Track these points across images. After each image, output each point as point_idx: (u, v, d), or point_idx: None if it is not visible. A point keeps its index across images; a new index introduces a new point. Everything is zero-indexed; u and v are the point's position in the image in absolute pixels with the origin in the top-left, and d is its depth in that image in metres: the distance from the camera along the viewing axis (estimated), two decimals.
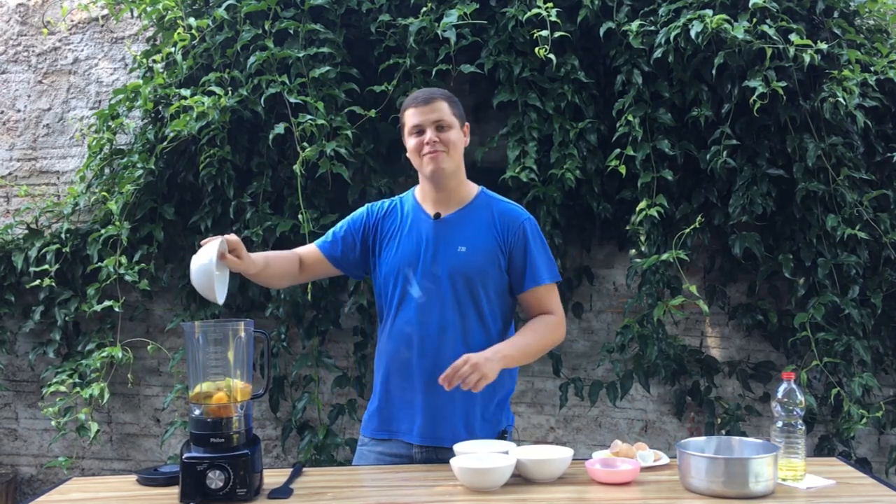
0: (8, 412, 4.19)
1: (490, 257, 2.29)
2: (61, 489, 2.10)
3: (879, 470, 3.72)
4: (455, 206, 2.35)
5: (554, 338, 2.35)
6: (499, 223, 2.32)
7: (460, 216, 2.33)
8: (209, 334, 2.00)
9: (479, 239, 2.30)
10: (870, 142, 3.63)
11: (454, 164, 2.31)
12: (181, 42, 3.59)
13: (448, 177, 2.31)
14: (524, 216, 2.36)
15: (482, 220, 2.33)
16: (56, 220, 4.05)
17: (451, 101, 2.33)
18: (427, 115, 2.28)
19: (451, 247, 2.29)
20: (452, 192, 2.35)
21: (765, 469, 1.88)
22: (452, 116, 2.30)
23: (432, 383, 2.21)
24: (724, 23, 3.28)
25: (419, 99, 2.31)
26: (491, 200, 2.38)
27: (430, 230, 2.32)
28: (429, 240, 2.31)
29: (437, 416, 2.26)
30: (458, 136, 2.31)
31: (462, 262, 2.28)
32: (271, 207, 3.69)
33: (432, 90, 2.35)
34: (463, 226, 2.32)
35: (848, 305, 3.41)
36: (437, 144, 2.27)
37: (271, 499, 1.94)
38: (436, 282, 2.28)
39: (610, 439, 3.78)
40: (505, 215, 2.34)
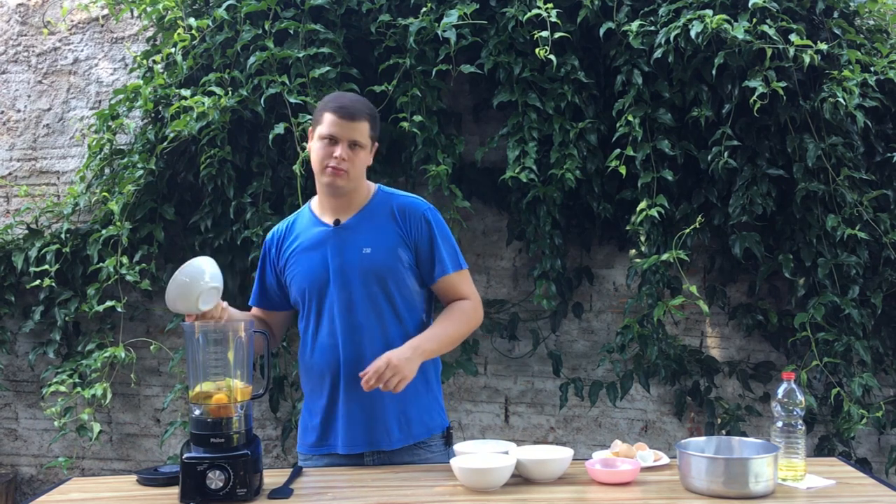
0: (8, 412, 4.19)
1: (395, 253, 2.28)
2: (61, 489, 2.10)
3: (879, 470, 3.72)
4: (354, 210, 2.32)
5: (471, 323, 2.35)
6: (399, 218, 2.31)
7: (360, 219, 2.31)
8: (209, 334, 2.00)
9: (382, 237, 2.28)
10: (870, 142, 3.63)
11: (354, 182, 2.28)
12: (181, 42, 3.59)
13: (347, 191, 2.30)
14: (424, 207, 2.34)
15: (382, 218, 2.31)
16: (56, 220, 4.05)
17: (373, 120, 2.30)
18: (346, 130, 2.24)
19: (356, 250, 2.27)
20: (350, 198, 2.32)
21: (765, 469, 1.88)
22: (368, 138, 2.28)
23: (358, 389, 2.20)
24: (724, 23, 3.28)
25: (344, 111, 2.24)
26: (389, 196, 2.36)
27: (332, 238, 2.30)
28: (332, 248, 2.29)
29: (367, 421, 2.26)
30: (365, 156, 2.29)
31: (369, 262, 2.26)
32: (271, 207, 3.69)
33: (358, 104, 2.29)
34: (364, 228, 2.30)
35: (848, 305, 3.41)
36: (343, 163, 2.23)
37: (271, 499, 1.95)
38: (347, 287, 2.26)
39: (610, 439, 3.79)
40: (405, 209, 2.32)
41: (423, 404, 2.32)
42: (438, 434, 2.35)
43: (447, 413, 2.46)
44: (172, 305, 2.08)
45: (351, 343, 2.26)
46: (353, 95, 2.37)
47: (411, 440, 2.29)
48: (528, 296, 3.84)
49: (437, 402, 2.39)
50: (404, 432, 2.28)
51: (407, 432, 2.28)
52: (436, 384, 2.39)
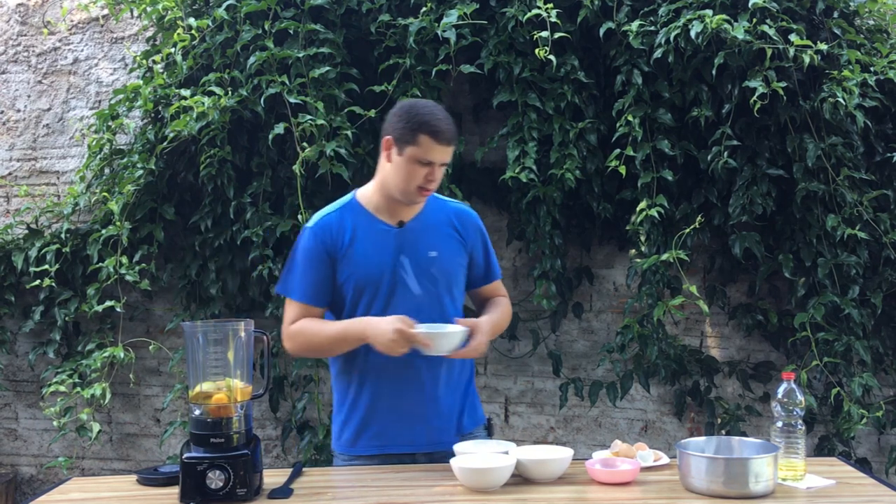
0: (8, 412, 4.19)
1: (457, 258, 2.36)
2: (61, 489, 2.10)
3: (879, 470, 3.72)
4: (413, 212, 2.33)
5: (509, 318, 2.50)
6: (458, 224, 2.38)
7: (421, 222, 2.33)
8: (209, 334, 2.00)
9: (446, 242, 2.34)
10: (870, 142, 3.63)
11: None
12: (181, 42, 3.59)
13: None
14: (475, 215, 2.45)
15: (441, 223, 2.36)
16: (56, 220, 4.05)
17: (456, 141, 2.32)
18: (444, 155, 2.23)
19: (422, 253, 2.29)
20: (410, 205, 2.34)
21: (765, 469, 1.88)
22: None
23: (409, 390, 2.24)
24: (724, 23, 3.28)
25: (444, 137, 2.20)
26: (441, 202, 2.42)
27: (395, 240, 2.29)
28: (399, 248, 2.28)
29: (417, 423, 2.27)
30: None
31: (438, 266, 2.30)
32: (271, 207, 3.69)
33: (452, 126, 2.25)
34: (426, 231, 2.33)
35: (848, 305, 3.41)
36: (433, 185, 2.25)
37: (271, 499, 1.95)
38: (414, 289, 2.27)
39: (610, 439, 3.79)
40: (461, 216, 2.40)
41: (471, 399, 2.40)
42: (481, 426, 2.42)
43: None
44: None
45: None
46: (443, 114, 2.25)
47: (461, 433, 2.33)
48: (528, 296, 3.84)
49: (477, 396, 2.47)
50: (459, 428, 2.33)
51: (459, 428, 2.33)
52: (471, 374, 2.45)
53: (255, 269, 3.64)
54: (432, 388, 2.28)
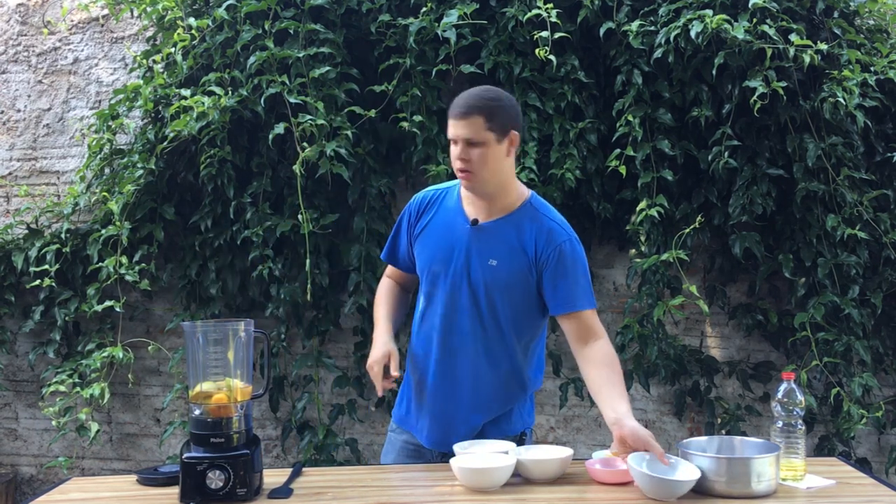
0: (8, 412, 4.19)
1: (521, 274, 2.18)
2: (61, 489, 2.10)
3: (879, 470, 3.72)
4: (496, 214, 2.21)
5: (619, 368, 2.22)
6: (538, 239, 2.19)
7: (498, 226, 2.20)
8: (209, 334, 2.00)
9: (513, 253, 2.18)
10: (870, 142, 3.63)
11: (487, 184, 2.17)
12: (181, 42, 3.59)
13: (483, 192, 2.20)
14: (564, 237, 2.20)
15: (520, 232, 2.19)
16: (56, 220, 4.05)
17: (490, 113, 2.11)
18: (458, 129, 2.12)
19: (483, 258, 2.19)
20: (494, 200, 2.21)
21: (767, 469, 1.88)
22: (487, 132, 2.10)
23: (444, 389, 2.23)
24: (724, 23, 3.28)
25: (457, 109, 2.13)
26: (537, 214, 2.23)
27: (466, 237, 2.22)
28: (462, 246, 2.22)
29: (444, 423, 2.26)
30: (492, 152, 2.12)
31: (491, 275, 2.18)
32: (271, 207, 3.69)
33: (472, 100, 2.13)
34: (498, 237, 2.20)
35: (848, 305, 3.41)
36: (464, 163, 2.12)
37: (271, 499, 1.94)
38: (460, 290, 2.21)
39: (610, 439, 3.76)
40: (545, 233, 2.19)
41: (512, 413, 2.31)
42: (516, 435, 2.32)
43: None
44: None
45: (446, 345, 2.23)
46: (474, 90, 2.17)
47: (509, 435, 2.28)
48: None
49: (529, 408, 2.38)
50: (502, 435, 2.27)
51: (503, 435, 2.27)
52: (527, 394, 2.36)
53: (255, 269, 3.64)
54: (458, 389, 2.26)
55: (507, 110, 2.16)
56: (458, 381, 2.24)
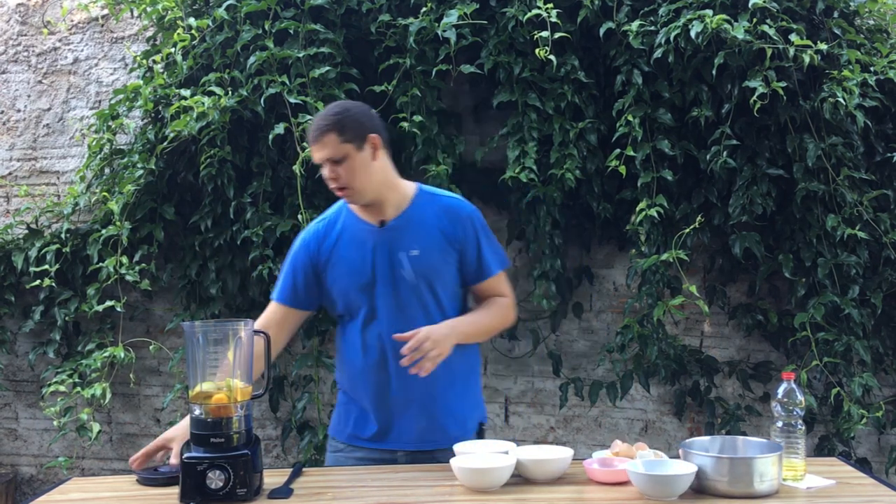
0: (8, 412, 4.19)
1: (442, 255, 2.27)
2: (61, 489, 2.10)
3: (879, 470, 3.72)
4: (397, 211, 2.30)
5: (506, 319, 2.38)
6: (445, 219, 2.29)
7: (404, 220, 2.29)
8: (209, 334, 2.00)
9: (429, 239, 2.27)
10: (870, 142, 3.63)
11: (366, 192, 2.25)
12: (181, 42, 3.59)
13: (369, 200, 2.28)
14: (468, 209, 2.34)
15: (428, 218, 2.29)
16: (56, 220, 4.05)
17: (340, 126, 2.19)
18: (318, 152, 2.22)
19: (404, 251, 2.26)
20: (386, 202, 2.29)
21: (769, 468, 1.88)
22: (344, 144, 2.19)
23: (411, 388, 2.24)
24: (724, 23, 3.28)
25: (311, 135, 2.23)
26: (432, 197, 2.35)
27: (378, 238, 2.28)
28: (380, 248, 2.27)
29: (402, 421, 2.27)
30: (359, 161, 2.21)
31: (417, 264, 2.25)
32: (271, 207, 3.69)
33: (320, 121, 2.22)
34: (409, 229, 2.28)
35: (848, 305, 3.41)
36: (336, 182, 2.22)
37: (271, 499, 1.94)
38: (396, 288, 2.25)
39: (610, 439, 3.78)
40: (451, 211, 2.31)
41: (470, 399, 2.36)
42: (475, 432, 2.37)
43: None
44: None
45: (380, 343, 2.26)
46: (322, 112, 2.28)
47: (467, 436, 2.29)
48: (528, 296, 3.84)
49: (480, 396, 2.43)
50: (459, 429, 2.29)
51: (461, 428, 2.30)
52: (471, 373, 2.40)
53: (255, 269, 3.64)
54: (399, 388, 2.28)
55: (356, 118, 2.24)
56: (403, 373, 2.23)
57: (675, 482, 1.87)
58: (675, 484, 1.87)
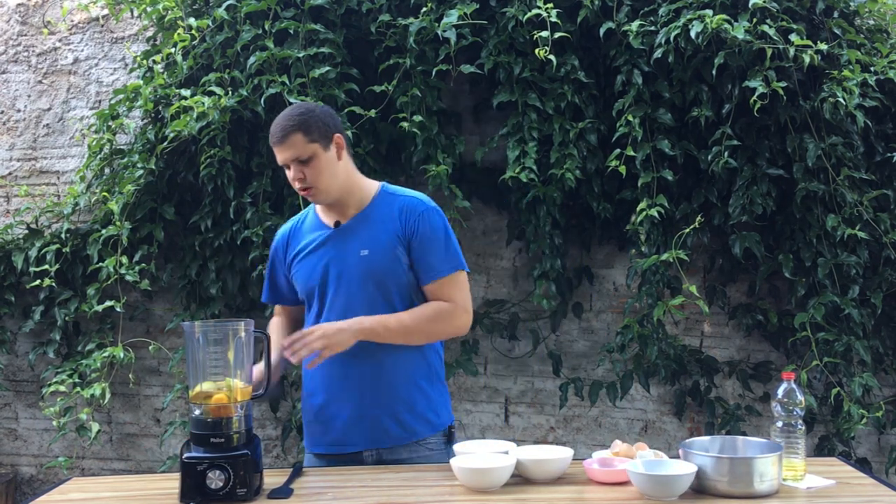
0: (8, 412, 4.19)
1: (393, 255, 2.25)
2: (61, 489, 2.10)
3: (879, 470, 3.72)
4: (354, 211, 2.31)
5: (444, 324, 2.28)
6: (398, 216, 2.27)
7: (360, 220, 2.30)
8: (209, 334, 2.00)
9: (380, 238, 2.26)
10: (870, 142, 3.63)
11: (331, 191, 2.26)
12: (181, 42, 3.59)
13: (333, 199, 2.29)
14: (423, 206, 2.29)
15: (383, 218, 2.28)
16: (56, 220, 4.05)
17: (306, 126, 2.20)
18: (284, 153, 2.22)
19: (353, 252, 2.26)
20: (347, 202, 2.31)
21: (769, 468, 1.88)
22: (310, 144, 2.20)
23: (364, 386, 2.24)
24: (724, 23, 3.28)
25: (274, 136, 2.22)
26: (393, 196, 2.33)
27: (332, 240, 2.30)
28: (332, 250, 2.29)
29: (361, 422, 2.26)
30: (325, 161, 2.23)
31: (366, 265, 2.25)
32: (271, 207, 3.69)
33: (284, 121, 2.22)
34: (363, 229, 2.28)
35: (848, 305, 3.42)
36: (302, 182, 2.22)
37: (271, 499, 1.95)
38: (346, 289, 2.26)
39: (610, 439, 3.78)
40: (405, 208, 2.28)
41: (424, 401, 2.31)
42: (440, 432, 2.34)
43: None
44: None
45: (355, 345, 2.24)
46: (284, 113, 2.27)
47: (412, 438, 2.28)
48: (528, 296, 3.84)
49: (442, 398, 2.37)
50: (403, 430, 2.27)
51: (406, 430, 2.28)
52: (438, 380, 2.37)
53: (255, 269, 3.64)
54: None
55: (321, 118, 2.25)
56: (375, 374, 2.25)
57: (675, 482, 1.87)
58: (675, 484, 1.87)
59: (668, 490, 1.86)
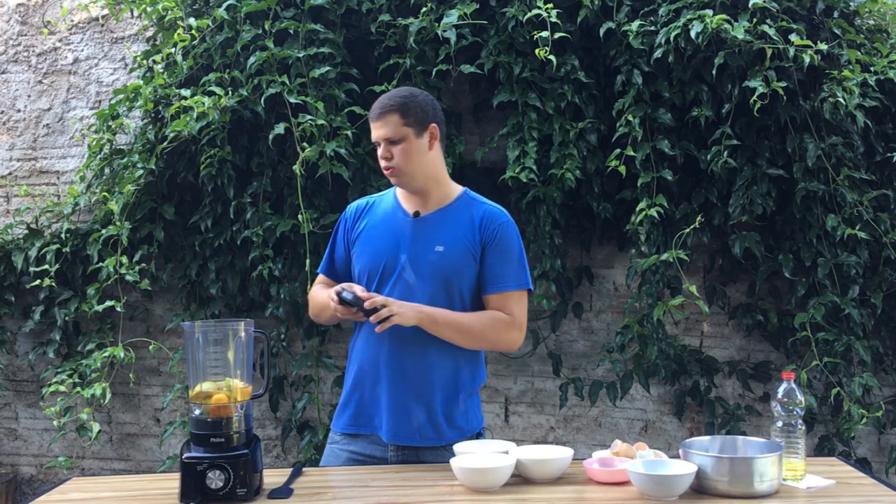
0: (8, 412, 4.19)
1: (466, 257, 2.27)
2: (61, 489, 2.10)
3: (879, 470, 3.72)
4: (435, 206, 2.32)
5: (497, 333, 2.28)
6: (478, 223, 2.29)
7: (439, 216, 2.31)
8: (209, 334, 2.00)
9: (457, 239, 2.27)
10: (870, 142, 3.63)
11: (414, 178, 2.27)
12: (181, 42, 3.59)
13: (415, 187, 2.30)
14: (503, 218, 2.32)
15: (461, 220, 2.30)
16: (56, 220, 4.05)
17: (404, 109, 2.23)
18: (378, 130, 2.24)
19: (429, 246, 2.27)
20: (430, 194, 2.32)
21: (769, 468, 1.88)
22: (405, 128, 2.23)
23: (398, 381, 2.24)
24: (724, 23, 3.28)
25: (373, 112, 2.26)
26: (473, 202, 2.36)
27: (409, 228, 2.30)
28: (406, 238, 2.29)
29: (401, 414, 2.25)
30: (414, 146, 2.24)
31: (438, 261, 2.25)
32: (271, 207, 3.69)
33: (386, 100, 2.26)
34: (441, 225, 2.29)
35: (848, 305, 3.42)
36: (388, 161, 2.24)
37: (271, 499, 1.95)
38: (411, 279, 2.26)
39: (610, 439, 3.79)
40: (485, 216, 2.31)
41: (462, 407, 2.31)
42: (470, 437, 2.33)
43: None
44: None
45: (399, 335, 2.23)
46: (389, 93, 2.31)
47: (443, 441, 2.27)
48: None
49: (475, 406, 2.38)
50: (438, 432, 2.27)
51: (441, 433, 2.27)
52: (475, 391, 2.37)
53: (255, 269, 3.64)
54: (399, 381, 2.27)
55: (422, 105, 2.27)
56: (414, 369, 2.25)
57: (675, 482, 1.87)
58: (675, 484, 1.87)
59: (668, 490, 1.86)
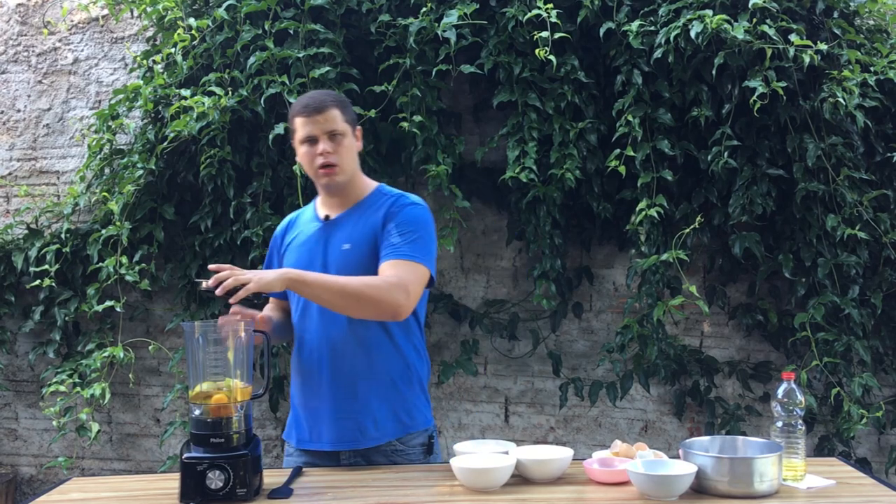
0: (8, 412, 4.19)
1: (372, 249, 2.22)
2: (61, 489, 2.11)
3: (879, 470, 3.72)
4: (348, 206, 2.32)
5: (379, 292, 2.10)
6: (384, 212, 2.25)
7: (349, 214, 2.30)
8: (209, 334, 2.00)
9: (364, 234, 2.24)
10: (870, 142, 3.63)
11: (347, 174, 2.27)
12: (181, 42, 3.59)
13: (343, 184, 2.29)
14: (411, 201, 2.28)
15: (370, 214, 2.27)
16: (56, 220, 4.05)
17: (342, 106, 2.27)
18: (321, 124, 2.22)
19: (336, 246, 2.26)
20: (347, 194, 2.32)
21: (770, 468, 1.88)
22: (345, 123, 2.25)
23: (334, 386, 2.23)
24: (724, 23, 3.28)
25: (310, 107, 2.23)
26: (385, 194, 2.32)
27: (319, 233, 2.31)
28: (319, 243, 2.29)
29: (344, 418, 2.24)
30: (351, 143, 2.28)
31: (345, 259, 2.23)
32: (271, 207, 3.69)
33: (323, 96, 2.27)
34: (349, 223, 2.28)
35: (848, 305, 3.42)
36: (330, 157, 2.22)
37: (271, 499, 1.95)
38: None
39: (610, 439, 3.79)
40: (394, 203, 2.27)
41: (401, 402, 2.26)
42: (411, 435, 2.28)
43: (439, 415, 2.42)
44: None
45: (327, 340, 2.24)
46: (315, 92, 2.35)
47: (383, 438, 2.24)
48: (528, 296, 3.84)
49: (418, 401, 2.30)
50: (379, 430, 2.24)
51: (382, 430, 2.24)
52: (417, 383, 2.31)
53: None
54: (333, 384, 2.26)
55: (350, 107, 2.34)
56: (348, 373, 2.23)
57: (675, 482, 1.87)
58: (675, 484, 1.87)
59: (668, 490, 1.86)
